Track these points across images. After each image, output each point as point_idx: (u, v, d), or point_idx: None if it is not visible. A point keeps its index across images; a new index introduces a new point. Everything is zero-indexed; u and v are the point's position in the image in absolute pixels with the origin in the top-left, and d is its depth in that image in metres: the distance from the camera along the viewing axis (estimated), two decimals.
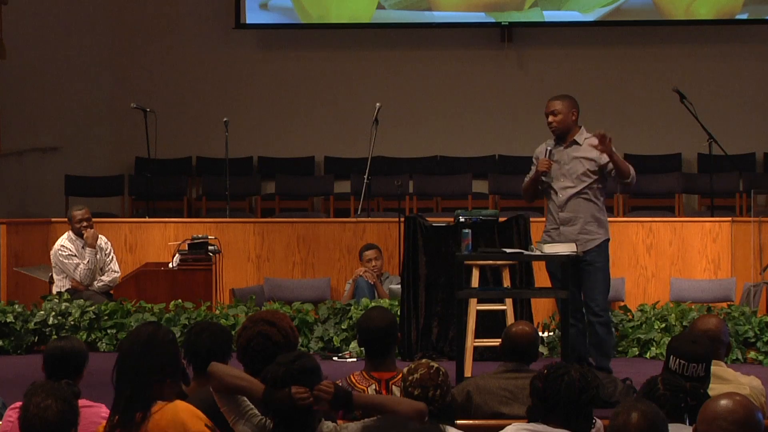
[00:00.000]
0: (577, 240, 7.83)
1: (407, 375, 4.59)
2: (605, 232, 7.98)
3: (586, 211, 7.93)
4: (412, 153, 14.58)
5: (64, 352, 5.04)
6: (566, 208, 7.96)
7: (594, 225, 7.93)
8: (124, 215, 14.07)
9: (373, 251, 10.84)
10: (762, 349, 9.27)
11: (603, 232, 7.96)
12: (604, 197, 8.11)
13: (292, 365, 4.13)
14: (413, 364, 4.64)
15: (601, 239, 7.93)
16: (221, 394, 4.21)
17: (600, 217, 7.97)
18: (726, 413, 3.30)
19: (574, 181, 7.98)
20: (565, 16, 14.49)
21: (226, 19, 14.75)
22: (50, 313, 9.98)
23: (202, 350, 4.99)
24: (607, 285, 7.99)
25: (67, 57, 14.65)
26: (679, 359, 4.84)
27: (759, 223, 10.71)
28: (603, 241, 7.95)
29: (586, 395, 4.23)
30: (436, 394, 4.52)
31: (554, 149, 8.11)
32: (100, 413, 4.77)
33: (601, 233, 7.94)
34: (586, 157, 7.98)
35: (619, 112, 14.53)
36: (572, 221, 7.93)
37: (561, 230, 7.94)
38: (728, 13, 14.40)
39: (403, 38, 14.78)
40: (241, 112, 14.12)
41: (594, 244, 7.90)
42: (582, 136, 8.07)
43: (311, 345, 9.72)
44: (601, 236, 7.94)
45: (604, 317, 7.89)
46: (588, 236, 7.90)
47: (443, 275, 9.25)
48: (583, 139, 8.05)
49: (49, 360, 5.04)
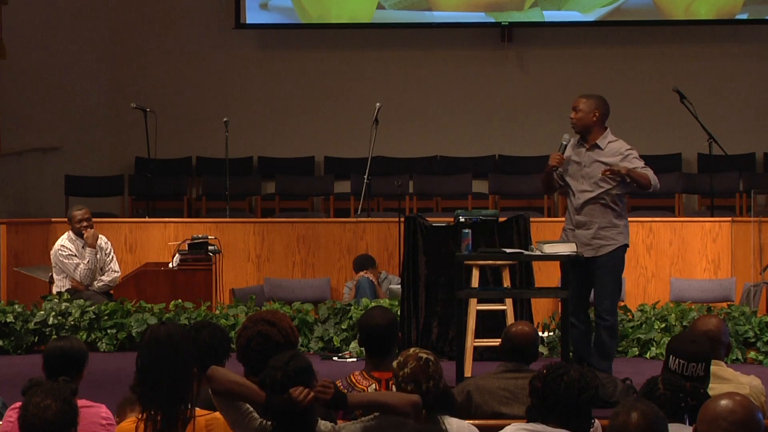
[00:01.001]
0: (590, 244, 7.78)
1: (398, 370, 4.56)
2: (623, 238, 7.86)
3: (602, 216, 7.82)
4: (412, 153, 14.58)
5: (64, 352, 5.03)
6: (582, 211, 7.88)
7: (611, 231, 7.81)
8: (124, 215, 14.07)
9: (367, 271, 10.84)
10: (762, 349, 9.27)
11: (621, 238, 7.84)
12: (625, 203, 8.00)
13: (287, 367, 4.13)
14: (402, 357, 4.60)
15: (616, 245, 7.82)
16: (220, 398, 4.22)
17: (618, 222, 7.84)
18: (726, 413, 3.30)
19: (592, 185, 7.87)
20: (565, 16, 14.49)
21: (226, 19, 14.75)
22: (50, 313, 9.98)
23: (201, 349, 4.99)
24: (617, 290, 7.92)
25: (67, 57, 14.64)
26: (678, 359, 4.85)
27: (759, 223, 10.71)
28: (618, 247, 7.83)
29: (585, 395, 4.23)
30: (430, 385, 4.52)
31: (576, 148, 8.00)
32: (100, 413, 4.77)
33: (618, 240, 7.83)
34: (606, 163, 7.85)
35: (619, 112, 14.41)
36: (587, 225, 7.84)
37: (576, 233, 7.88)
38: (728, 13, 14.40)
39: (403, 38, 14.78)
40: (241, 112, 14.12)
41: (608, 250, 7.81)
42: (606, 140, 7.93)
43: (311, 345, 9.72)
44: (616, 242, 7.82)
45: (609, 321, 7.84)
46: (602, 241, 7.81)
47: (443, 275, 9.24)
48: (606, 143, 7.92)
49: (48, 360, 5.04)
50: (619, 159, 7.86)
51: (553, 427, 4.20)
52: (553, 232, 11.11)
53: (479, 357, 8.49)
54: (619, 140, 7.98)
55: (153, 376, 4.10)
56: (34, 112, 14.43)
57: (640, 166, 7.86)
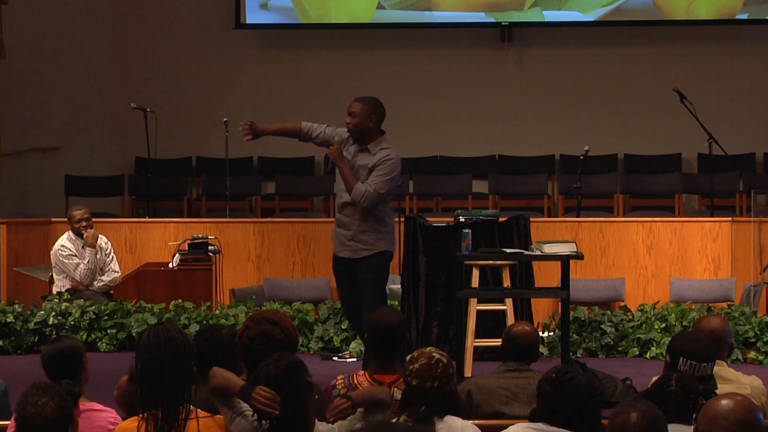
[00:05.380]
0: (347, 246, 7.66)
1: (408, 363, 4.59)
2: (384, 244, 7.63)
3: (361, 219, 7.61)
4: (412, 153, 14.56)
5: (60, 352, 5.03)
6: (343, 211, 7.72)
7: (370, 235, 7.62)
8: (124, 215, 14.07)
9: None
10: (762, 349, 9.27)
11: (381, 244, 7.62)
12: (389, 208, 7.78)
13: (279, 362, 4.18)
14: (416, 353, 4.63)
15: (374, 251, 7.62)
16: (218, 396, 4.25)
17: (378, 228, 7.63)
18: (727, 413, 3.30)
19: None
20: (565, 16, 14.49)
21: (226, 19, 14.75)
22: (50, 313, 9.98)
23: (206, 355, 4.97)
24: (378, 296, 7.61)
25: (67, 57, 14.65)
26: (690, 360, 4.83)
27: (759, 223, 10.71)
28: (376, 253, 7.62)
29: (595, 399, 4.22)
30: (434, 385, 4.53)
31: (349, 146, 7.75)
32: (108, 418, 4.77)
33: (377, 246, 7.62)
34: (366, 166, 7.63)
35: (619, 112, 14.53)
36: (347, 226, 7.68)
37: (337, 231, 7.75)
38: (728, 13, 14.40)
39: (403, 38, 14.78)
40: (241, 112, 14.08)
41: (365, 254, 7.63)
42: (378, 146, 7.67)
43: (311, 345, 9.72)
44: (375, 248, 7.62)
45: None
46: (360, 245, 7.64)
47: (443, 275, 9.24)
48: (378, 149, 7.66)
49: (47, 364, 5.03)
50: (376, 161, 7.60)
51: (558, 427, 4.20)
52: (553, 232, 11.13)
53: (479, 357, 8.50)
54: (392, 149, 7.69)
55: (153, 376, 4.10)
56: (34, 112, 14.43)
57: (376, 175, 7.57)
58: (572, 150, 13.51)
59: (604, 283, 11.03)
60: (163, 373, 4.09)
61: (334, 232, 7.84)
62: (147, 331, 4.21)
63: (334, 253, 7.85)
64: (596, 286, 10.99)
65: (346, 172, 7.62)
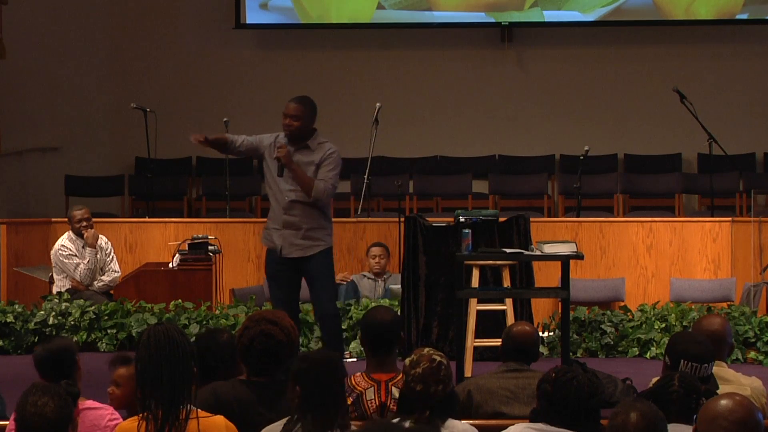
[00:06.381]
0: (297, 245, 7.76)
1: (409, 368, 4.58)
2: (330, 240, 7.86)
3: (309, 217, 7.77)
4: (412, 153, 14.58)
5: (52, 353, 5.02)
6: (290, 211, 7.80)
7: (319, 232, 7.79)
8: (124, 215, 14.07)
9: (379, 249, 10.86)
10: (762, 349, 9.27)
11: (328, 239, 7.84)
12: (329, 204, 7.94)
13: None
14: (415, 356, 4.61)
15: (324, 247, 7.81)
16: None
17: (325, 224, 7.83)
18: (726, 413, 3.30)
19: (297, 185, 7.79)
20: (565, 16, 14.49)
21: (226, 19, 14.75)
22: (50, 313, 9.98)
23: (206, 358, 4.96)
24: (334, 289, 8.00)
25: (68, 57, 14.64)
26: (690, 362, 4.83)
27: (759, 223, 10.71)
28: (326, 248, 7.82)
29: (595, 399, 4.22)
30: (438, 389, 4.53)
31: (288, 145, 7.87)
32: (105, 416, 4.77)
33: (326, 241, 7.82)
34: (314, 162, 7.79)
35: (619, 112, 14.53)
36: (296, 225, 7.78)
37: (282, 232, 7.82)
38: (728, 13, 14.40)
39: (403, 38, 14.78)
40: (241, 112, 14.11)
41: (317, 250, 7.78)
42: (316, 141, 7.85)
43: (311, 345, 9.71)
44: (325, 244, 7.81)
45: (336, 310, 8.10)
46: (311, 242, 7.78)
47: (443, 275, 9.25)
48: (317, 144, 7.84)
49: (39, 366, 5.02)
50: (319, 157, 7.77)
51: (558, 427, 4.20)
52: (553, 232, 11.13)
53: (479, 357, 8.49)
54: (329, 142, 7.88)
55: (153, 376, 4.10)
56: (34, 112, 14.43)
57: (326, 170, 7.76)
58: (572, 150, 13.51)
59: (604, 283, 11.03)
60: (163, 373, 4.09)
61: (277, 234, 7.85)
62: (147, 331, 4.21)
63: (276, 256, 7.84)
64: (596, 286, 10.99)
65: (300, 173, 7.75)
